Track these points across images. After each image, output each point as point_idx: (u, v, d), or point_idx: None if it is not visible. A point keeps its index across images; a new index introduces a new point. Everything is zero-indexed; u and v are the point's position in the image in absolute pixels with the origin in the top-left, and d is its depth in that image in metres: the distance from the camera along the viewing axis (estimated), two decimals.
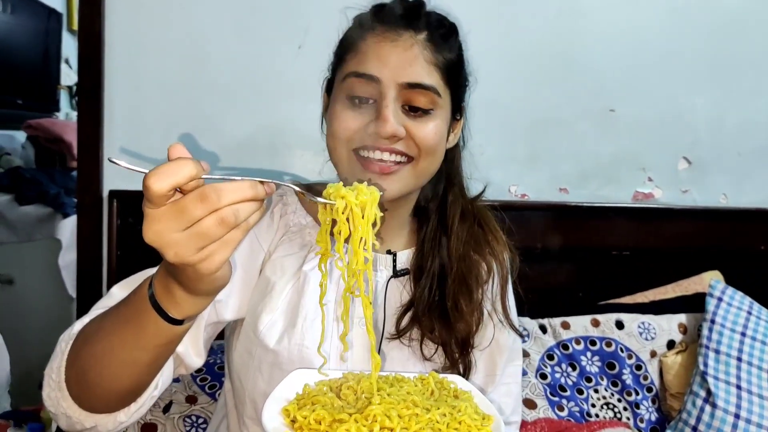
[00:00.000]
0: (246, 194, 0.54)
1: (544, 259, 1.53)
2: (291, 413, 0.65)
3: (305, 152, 1.43)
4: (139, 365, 0.67)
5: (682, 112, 1.62)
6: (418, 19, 0.82)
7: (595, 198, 1.60)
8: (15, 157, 2.66)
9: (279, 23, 1.44)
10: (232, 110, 1.45)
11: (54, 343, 0.80)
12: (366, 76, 0.79)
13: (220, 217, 0.52)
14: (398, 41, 0.80)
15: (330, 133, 0.83)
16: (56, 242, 2.17)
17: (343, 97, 0.82)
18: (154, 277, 0.63)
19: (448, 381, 0.75)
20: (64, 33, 3.07)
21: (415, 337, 0.86)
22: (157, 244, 0.53)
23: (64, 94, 3.18)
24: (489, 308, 0.91)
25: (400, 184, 0.81)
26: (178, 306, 0.61)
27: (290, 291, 0.84)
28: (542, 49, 1.55)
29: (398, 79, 0.79)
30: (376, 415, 0.62)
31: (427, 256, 0.89)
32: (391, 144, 0.80)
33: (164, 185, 0.52)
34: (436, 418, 0.63)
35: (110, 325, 0.68)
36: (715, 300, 1.40)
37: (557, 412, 1.34)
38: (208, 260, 0.54)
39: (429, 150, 0.81)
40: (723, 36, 1.61)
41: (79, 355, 0.70)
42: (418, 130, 0.80)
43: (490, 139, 1.54)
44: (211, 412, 1.17)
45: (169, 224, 0.53)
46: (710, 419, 1.27)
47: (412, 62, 0.80)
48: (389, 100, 0.79)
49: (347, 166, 0.82)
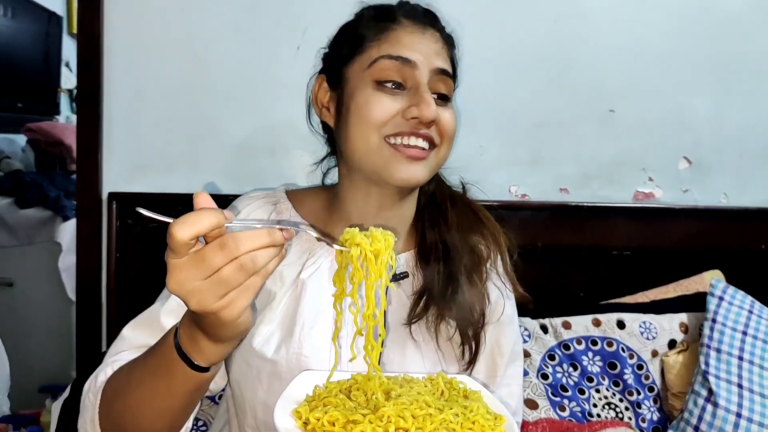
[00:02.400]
0: (263, 241, 0.56)
1: (545, 259, 1.53)
2: (303, 415, 0.64)
3: (304, 153, 1.43)
4: (172, 411, 0.69)
5: (683, 113, 1.61)
6: (436, 20, 0.89)
7: (596, 198, 1.59)
8: (15, 161, 2.66)
9: (277, 25, 1.44)
10: (231, 112, 1.45)
11: (53, 347, 0.81)
12: (402, 59, 0.81)
13: (239, 264, 0.54)
14: (426, 33, 0.85)
15: (360, 122, 0.81)
16: (56, 245, 2.17)
17: (371, 83, 0.81)
18: (178, 326, 0.65)
19: (457, 381, 0.74)
20: (64, 36, 3.08)
21: (431, 323, 0.86)
22: (179, 293, 0.56)
23: (64, 98, 3.18)
24: (498, 283, 0.93)
25: (427, 170, 0.83)
26: (203, 354, 0.63)
27: (287, 300, 0.84)
28: (543, 50, 1.55)
29: (431, 65, 0.82)
30: (390, 415, 0.61)
31: (431, 241, 0.90)
32: (428, 129, 0.81)
33: (187, 234, 0.54)
34: (449, 418, 0.63)
35: (140, 377, 0.69)
36: (716, 299, 1.40)
37: (559, 412, 1.34)
38: (230, 307, 0.56)
39: (450, 137, 0.85)
40: (723, 37, 1.60)
41: (111, 408, 0.71)
42: (444, 117, 0.83)
43: (490, 140, 1.54)
44: (211, 415, 1.17)
45: (190, 273, 0.55)
46: (712, 418, 1.27)
47: (439, 52, 0.84)
48: (426, 85, 0.81)
49: (377, 154, 0.81)
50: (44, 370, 2.18)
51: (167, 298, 0.82)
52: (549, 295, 1.49)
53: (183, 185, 1.42)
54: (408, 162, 0.80)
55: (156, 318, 0.80)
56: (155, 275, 0.92)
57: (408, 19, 0.85)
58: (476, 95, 1.49)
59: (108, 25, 1.41)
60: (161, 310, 0.80)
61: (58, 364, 2.12)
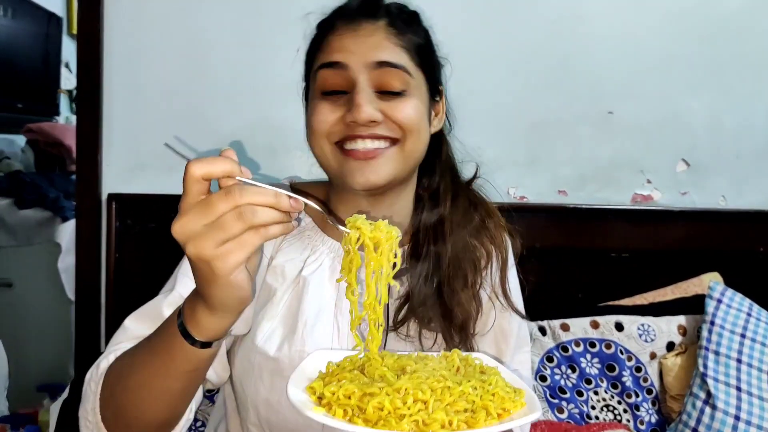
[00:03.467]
0: (268, 200, 0.56)
1: (543, 261, 1.52)
2: (317, 390, 0.63)
3: (304, 154, 1.44)
4: (171, 394, 0.69)
5: (681, 115, 1.62)
6: (376, 9, 0.83)
7: (594, 200, 1.60)
8: (15, 161, 2.66)
9: (276, 26, 1.44)
10: (230, 113, 1.45)
11: (52, 348, 0.81)
12: (333, 64, 0.80)
13: (239, 212, 0.55)
14: (359, 30, 0.81)
15: (309, 130, 0.83)
16: (56, 246, 2.17)
17: (317, 94, 0.82)
18: (183, 304, 0.65)
19: (473, 358, 0.73)
20: (64, 37, 3.08)
21: (413, 330, 0.85)
22: (180, 236, 0.56)
23: (64, 98, 3.18)
24: (490, 293, 0.90)
25: (388, 167, 0.80)
26: (200, 326, 0.63)
27: (290, 297, 0.84)
28: (541, 52, 1.55)
29: (366, 60, 0.79)
30: (407, 388, 0.60)
31: (423, 244, 0.88)
32: (370, 130, 0.79)
33: (200, 170, 0.56)
34: (468, 390, 0.61)
35: (141, 359, 0.69)
36: (714, 302, 1.40)
37: (557, 414, 1.34)
38: (223, 258, 0.56)
39: (411, 129, 0.81)
40: (721, 39, 1.61)
41: (113, 393, 0.71)
42: (396, 111, 0.80)
43: (489, 142, 1.54)
44: (208, 414, 1.17)
45: (194, 218, 0.56)
46: (710, 421, 1.27)
47: (377, 45, 0.80)
48: (361, 86, 0.79)
49: (332, 161, 0.82)
50: (42, 369, 2.17)
51: (170, 291, 0.82)
52: (547, 297, 1.49)
53: (182, 186, 1.42)
54: (360, 165, 0.79)
55: (158, 309, 0.80)
56: (154, 275, 0.93)
57: (342, 21, 0.83)
58: (475, 96, 1.49)
59: (108, 26, 1.41)
60: (164, 301, 0.81)
61: (56, 364, 2.12)
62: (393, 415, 0.58)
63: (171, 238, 0.57)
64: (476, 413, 0.60)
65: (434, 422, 0.58)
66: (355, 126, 0.78)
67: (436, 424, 0.58)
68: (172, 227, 0.57)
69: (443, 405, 0.59)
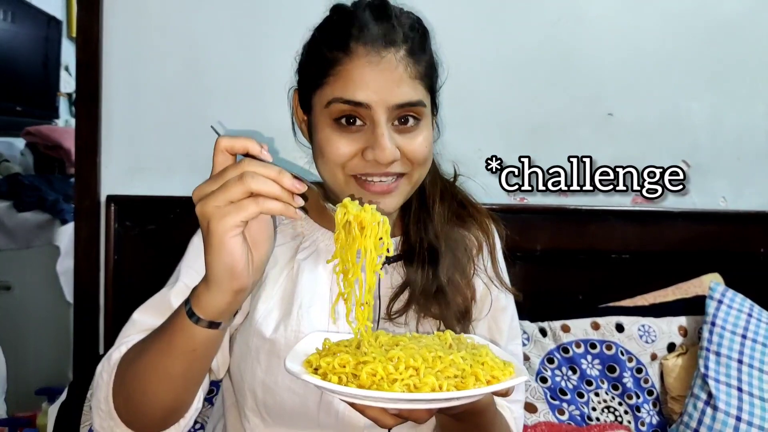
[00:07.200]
0: (270, 173, 0.61)
1: (543, 263, 1.52)
2: (313, 363, 0.66)
3: (303, 155, 1.43)
4: (173, 377, 0.70)
5: (681, 116, 1.62)
6: (397, 35, 0.79)
7: (595, 201, 1.59)
8: (14, 164, 2.66)
9: (276, 28, 1.44)
10: (230, 115, 1.45)
11: (50, 351, 0.82)
12: (354, 103, 0.77)
13: (241, 174, 0.61)
14: (381, 63, 0.77)
15: (323, 158, 0.81)
16: (55, 249, 2.17)
17: (329, 122, 0.80)
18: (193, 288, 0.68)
19: (465, 337, 0.76)
20: (63, 40, 3.08)
21: (410, 319, 0.87)
22: (195, 196, 0.63)
23: (63, 101, 3.18)
24: (485, 279, 0.93)
25: (399, 199, 0.84)
26: (199, 301, 0.66)
27: (284, 280, 0.86)
28: (541, 54, 1.55)
29: (388, 102, 0.77)
30: (400, 356, 0.63)
31: (415, 239, 0.90)
32: (388, 168, 0.80)
33: (225, 142, 0.64)
34: (458, 360, 0.64)
35: (149, 343, 0.72)
36: (715, 302, 1.40)
37: (558, 415, 1.33)
38: (219, 218, 0.61)
39: (421, 162, 0.82)
40: (721, 40, 1.61)
41: (124, 380, 0.73)
42: (410, 147, 0.80)
43: (489, 143, 1.54)
44: (207, 417, 1.16)
45: (209, 181, 0.63)
46: (711, 422, 1.26)
47: (399, 83, 0.78)
48: (383, 126, 0.77)
49: (345, 187, 0.82)
50: (41, 372, 2.17)
51: (176, 281, 0.83)
52: (548, 298, 1.49)
53: (182, 188, 1.41)
54: (375, 197, 0.81)
55: (166, 300, 0.81)
56: (153, 277, 0.93)
57: (361, 45, 0.77)
58: (475, 98, 1.49)
59: (107, 28, 1.41)
60: (171, 292, 0.82)
61: (55, 367, 2.11)
62: (386, 380, 0.61)
63: (170, 240, 0.58)
64: (465, 379, 0.63)
65: (425, 386, 0.61)
66: (376, 164, 0.79)
67: (427, 387, 0.61)
68: (194, 191, 0.64)
69: (434, 371, 0.63)
